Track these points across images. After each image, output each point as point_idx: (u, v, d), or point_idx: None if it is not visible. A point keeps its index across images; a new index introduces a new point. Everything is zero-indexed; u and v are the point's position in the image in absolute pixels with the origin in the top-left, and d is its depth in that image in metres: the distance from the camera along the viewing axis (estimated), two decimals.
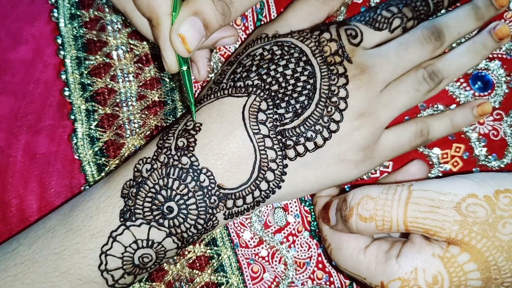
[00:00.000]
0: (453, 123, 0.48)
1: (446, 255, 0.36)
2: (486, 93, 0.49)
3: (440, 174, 0.49)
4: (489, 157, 0.49)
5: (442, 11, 0.49)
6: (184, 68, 0.39)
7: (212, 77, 0.49)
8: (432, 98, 0.48)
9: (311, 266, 0.48)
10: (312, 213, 0.49)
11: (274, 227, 0.48)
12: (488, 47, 0.48)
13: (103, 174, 0.48)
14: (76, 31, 0.49)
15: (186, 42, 0.37)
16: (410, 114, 0.49)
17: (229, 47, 0.50)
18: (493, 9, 0.48)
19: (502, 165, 0.49)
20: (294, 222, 0.49)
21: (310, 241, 0.49)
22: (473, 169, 0.49)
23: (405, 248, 0.38)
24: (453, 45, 0.49)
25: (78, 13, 0.49)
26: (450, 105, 0.49)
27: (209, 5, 0.38)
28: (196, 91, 0.50)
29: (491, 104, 0.49)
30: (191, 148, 0.40)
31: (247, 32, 0.51)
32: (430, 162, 0.49)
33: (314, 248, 0.49)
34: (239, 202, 0.41)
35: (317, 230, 0.49)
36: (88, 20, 0.49)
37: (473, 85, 0.49)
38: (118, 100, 0.49)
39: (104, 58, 0.49)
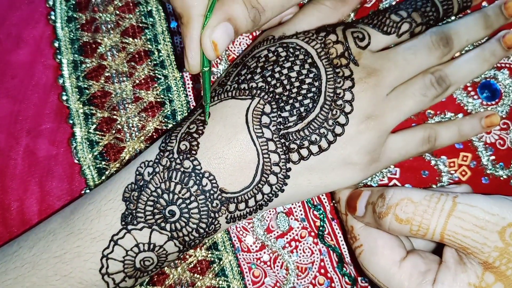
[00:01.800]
0: (461, 132, 0.47)
1: (482, 285, 0.36)
2: (493, 102, 0.49)
3: (451, 181, 0.49)
4: (496, 166, 0.49)
5: (451, 18, 0.49)
6: (206, 68, 0.39)
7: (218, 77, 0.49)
8: (439, 106, 0.48)
9: (313, 272, 0.48)
10: (321, 218, 0.49)
11: (277, 232, 0.48)
12: (496, 55, 0.47)
13: (103, 178, 0.48)
14: (73, 34, 0.49)
15: (217, 48, 0.37)
16: (417, 121, 0.49)
17: (234, 50, 0.50)
18: (502, 18, 0.48)
19: (510, 174, 0.49)
20: (298, 228, 0.48)
21: (313, 247, 0.48)
22: (482, 179, 0.49)
23: (440, 273, 0.38)
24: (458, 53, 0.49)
25: (75, 15, 0.49)
26: (458, 113, 0.49)
27: (243, 12, 0.38)
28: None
29: (498, 115, 0.48)
30: (193, 152, 0.40)
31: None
32: (438, 171, 0.49)
33: (317, 254, 0.48)
34: (241, 205, 0.41)
35: (324, 235, 0.49)
36: (84, 22, 0.49)
37: (481, 94, 0.49)
38: (114, 103, 0.48)
39: (99, 60, 0.49)
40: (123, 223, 0.39)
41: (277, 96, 0.41)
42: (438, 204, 0.37)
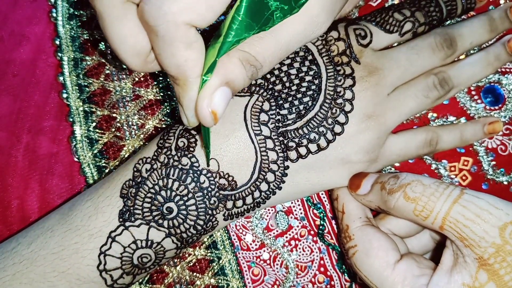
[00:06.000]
0: (463, 137, 0.47)
1: (475, 285, 0.35)
2: (496, 107, 0.49)
3: None
4: (497, 171, 0.48)
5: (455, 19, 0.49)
6: None
7: None
8: (442, 109, 0.48)
9: (313, 270, 0.48)
10: (321, 216, 0.48)
11: (276, 231, 0.48)
12: (500, 59, 0.47)
13: (103, 176, 0.48)
14: (74, 32, 0.49)
15: (217, 116, 0.33)
16: (419, 124, 0.48)
17: None
18: (507, 22, 0.48)
19: (510, 180, 0.48)
20: (297, 226, 0.48)
21: (312, 245, 0.48)
22: (483, 184, 0.49)
23: (435, 276, 0.37)
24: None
25: (76, 13, 0.49)
26: (461, 117, 0.49)
27: (241, 73, 0.34)
28: None
29: (501, 121, 0.48)
30: (191, 149, 0.40)
31: None
32: (438, 175, 0.49)
33: (317, 252, 0.48)
34: (239, 203, 0.41)
35: (324, 233, 0.48)
36: (85, 19, 0.49)
37: (485, 99, 0.49)
38: (114, 100, 0.48)
39: (99, 58, 0.49)
40: (121, 219, 0.39)
41: (276, 94, 0.41)
42: (447, 190, 0.37)
